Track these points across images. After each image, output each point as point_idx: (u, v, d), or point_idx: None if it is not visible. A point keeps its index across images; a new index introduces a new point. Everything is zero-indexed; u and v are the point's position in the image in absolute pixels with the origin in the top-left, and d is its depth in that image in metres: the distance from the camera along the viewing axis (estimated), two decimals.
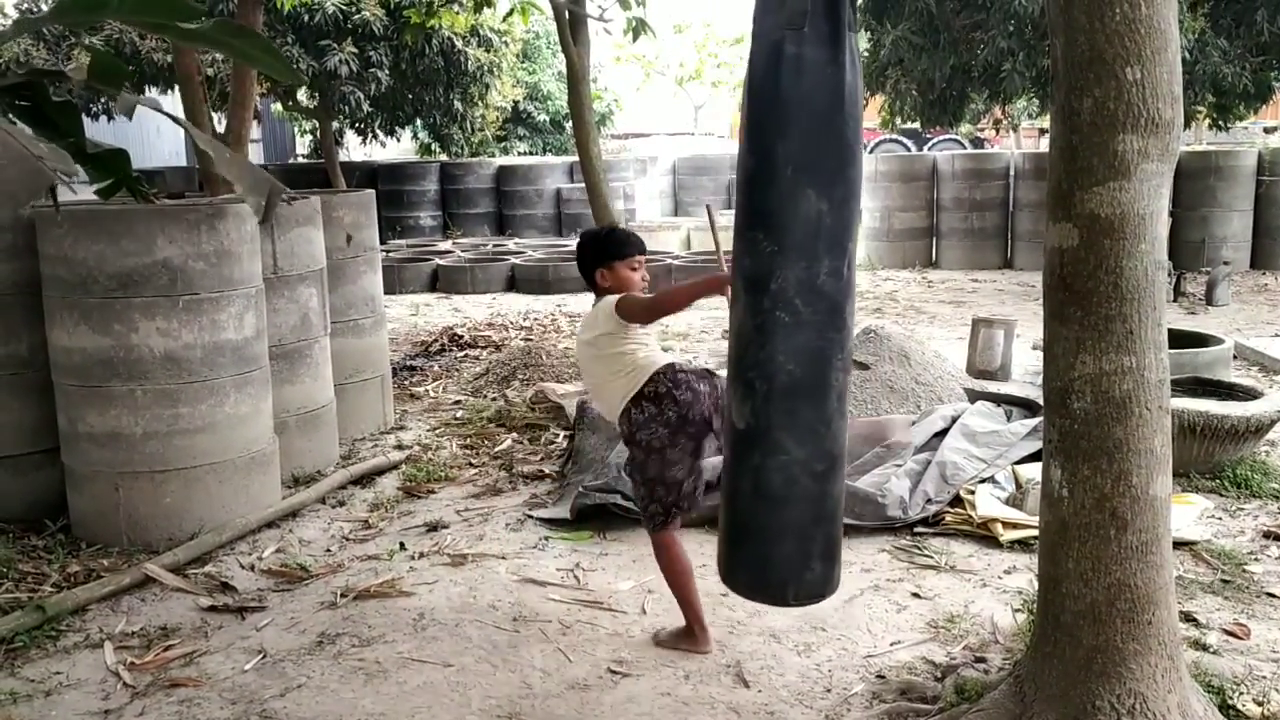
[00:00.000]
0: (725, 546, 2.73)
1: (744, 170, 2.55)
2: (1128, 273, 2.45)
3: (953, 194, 13.28)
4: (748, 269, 2.54)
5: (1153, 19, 2.37)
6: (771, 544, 2.65)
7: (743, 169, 2.55)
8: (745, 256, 2.54)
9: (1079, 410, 2.51)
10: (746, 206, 2.54)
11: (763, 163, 2.49)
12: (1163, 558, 2.55)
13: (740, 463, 2.63)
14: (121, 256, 4.14)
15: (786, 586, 2.68)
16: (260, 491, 4.58)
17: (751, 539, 2.66)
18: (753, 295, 2.53)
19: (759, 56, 2.46)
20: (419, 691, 3.20)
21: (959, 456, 4.69)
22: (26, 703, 3.18)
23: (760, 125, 2.48)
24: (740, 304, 2.57)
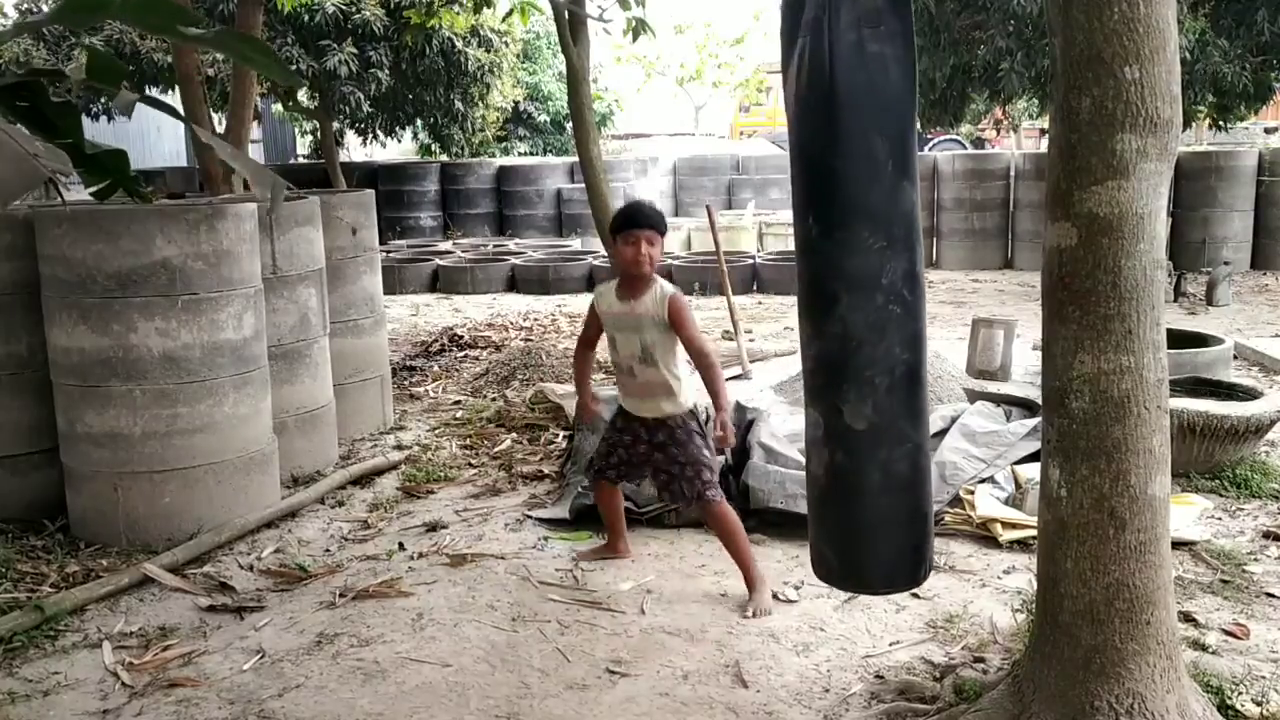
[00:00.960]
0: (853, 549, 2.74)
1: (831, 172, 2.53)
2: (1126, 272, 2.44)
3: (953, 194, 13.27)
4: (852, 269, 2.55)
5: (1151, 18, 2.37)
6: (908, 530, 2.73)
7: (827, 171, 2.53)
8: (848, 257, 2.55)
9: (1077, 410, 2.51)
10: (844, 206, 2.54)
11: (862, 162, 2.52)
12: (1161, 558, 2.54)
13: (866, 461, 2.64)
14: (120, 256, 4.14)
15: (920, 568, 2.79)
16: (259, 492, 4.57)
17: (888, 532, 2.71)
18: (861, 294, 2.56)
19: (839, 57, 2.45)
20: (417, 691, 3.20)
21: (958, 456, 4.69)
22: (24, 703, 3.18)
23: (851, 125, 2.49)
24: (841, 307, 2.56)
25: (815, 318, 2.64)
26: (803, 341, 2.72)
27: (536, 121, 21.69)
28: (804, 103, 2.53)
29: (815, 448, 2.71)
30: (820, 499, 2.76)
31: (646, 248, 3.63)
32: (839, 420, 2.62)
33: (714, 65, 32.69)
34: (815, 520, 2.82)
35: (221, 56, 12.14)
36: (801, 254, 2.66)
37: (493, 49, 14.55)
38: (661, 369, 3.71)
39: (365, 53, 13.29)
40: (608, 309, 3.79)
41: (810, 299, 2.65)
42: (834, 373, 2.62)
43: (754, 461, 4.54)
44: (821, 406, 2.66)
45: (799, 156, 2.61)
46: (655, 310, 3.68)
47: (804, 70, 2.50)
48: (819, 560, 2.85)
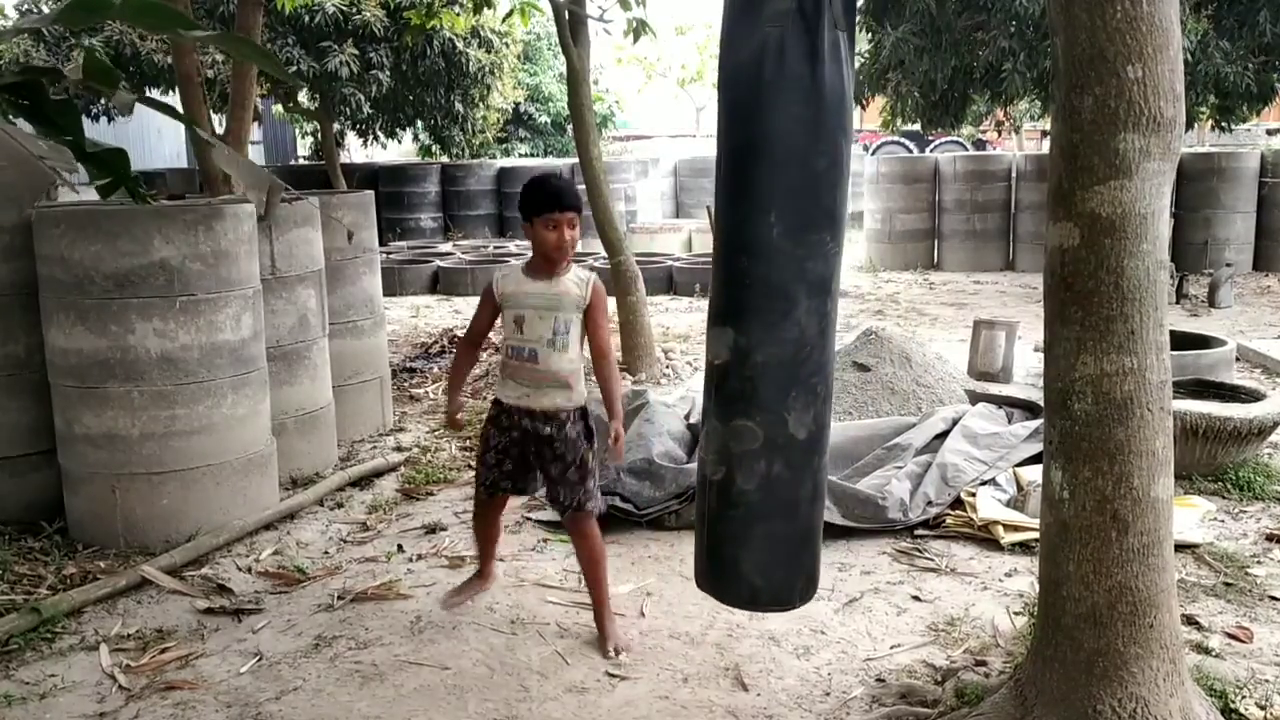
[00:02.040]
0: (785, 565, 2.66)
1: (806, 174, 2.46)
2: (1129, 272, 2.43)
3: (954, 196, 13.26)
4: (813, 272, 2.49)
5: (1154, 16, 2.36)
6: (819, 539, 2.72)
7: (806, 171, 2.46)
8: (811, 260, 2.48)
9: (1080, 411, 2.49)
10: (814, 208, 2.48)
11: (835, 164, 2.48)
12: (1164, 560, 2.53)
13: (801, 472, 2.58)
14: (118, 257, 4.12)
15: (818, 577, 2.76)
16: (258, 493, 4.56)
17: (811, 542, 2.68)
18: (817, 299, 2.51)
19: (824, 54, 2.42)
20: (416, 694, 3.18)
21: (960, 459, 4.67)
22: (21, 705, 3.16)
23: (830, 126, 2.45)
24: (799, 311, 2.49)
25: (768, 323, 2.51)
26: (738, 348, 2.54)
27: (537, 123, 21.68)
28: (778, 95, 2.43)
29: (746, 462, 2.55)
30: (746, 517, 2.60)
31: (569, 231, 3.35)
32: (782, 430, 2.53)
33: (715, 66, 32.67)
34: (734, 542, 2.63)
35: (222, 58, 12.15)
36: (751, 255, 2.50)
37: (493, 50, 14.55)
38: (570, 354, 3.39)
39: (366, 54, 13.29)
40: (515, 288, 3.42)
41: (761, 303, 2.51)
42: (783, 380, 2.52)
43: None
44: (762, 416, 2.53)
45: (765, 153, 2.47)
46: (578, 291, 3.38)
47: (780, 63, 2.42)
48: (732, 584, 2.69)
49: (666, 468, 4.55)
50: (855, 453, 4.93)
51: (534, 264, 3.44)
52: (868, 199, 13.69)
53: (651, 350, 7.54)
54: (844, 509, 4.28)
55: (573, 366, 3.42)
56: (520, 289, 3.42)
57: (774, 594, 2.72)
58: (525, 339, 3.40)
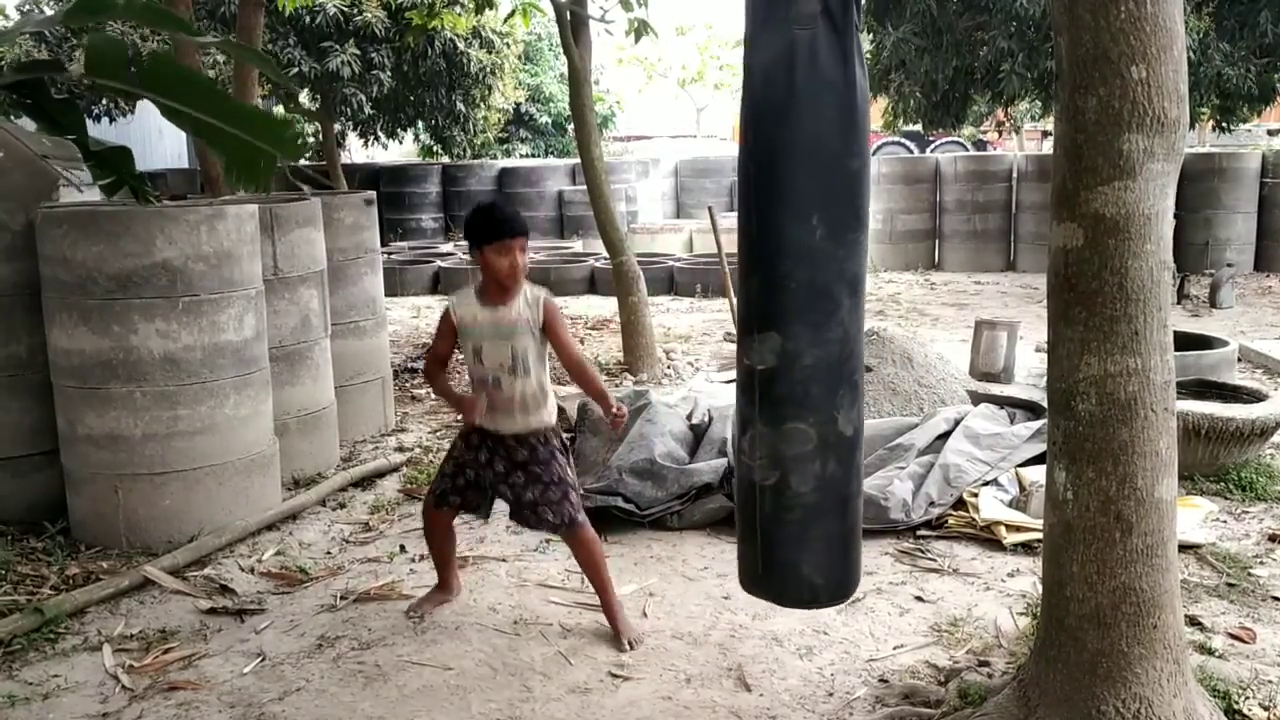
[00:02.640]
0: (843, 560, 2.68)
1: (843, 175, 2.48)
2: (1133, 273, 2.43)
3: (955, 196, 13.26)
4: (851, 272, 2.53)
5: (1158, 16, 2.36)
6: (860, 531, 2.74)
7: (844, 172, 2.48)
8: (851, 260, 2.52)
9: (1084, 412, 2.49)
10: (855, 208, 2.51)
11: (864, 165, 2.52)
12: (1168, 561, 2.53)
13: (850, 468, 2.60)
14: (121, 258, 4.12)
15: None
16: (260, 494, 4.56)
17: (858, 534, 2.71)
18: (855, 298, 2.55)
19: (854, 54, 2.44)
20: (418, 695, 3.18)
21: (962, 459, 4.67)
22: (24, 706, 3.16)
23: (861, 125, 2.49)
24: (842, 312, 2.52)
25: (815, 325, 2.51)
26: (787, 353, 2.53)
27: (538, 123, 21.68)
28: (814, 98, 2.43)
29: (801, 465, 2.56)
30: (804, 520, 2.60)
31: (520, 256, 3.35)
32: (833, 429, 2.55)
33: (716, 67, 32.71)
34: (791, 545, 2.63)
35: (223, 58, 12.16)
36: (794, 259, 2.50)
37: (494, 50, 14.54)
38: (533, 379, 3.41)
39: (367, 54, 13.28)
40: (471, 318, 3.43)
41: (809, 306, 2.51)
42: (832, 380, 2.54)
43: None
44: (815, 418, 2.54)
45: (804, 154, 2.47)
46: (529, 314, 3.39)
47: (811, 64, 2.42)
48: (793, 586, 2.69)
49: (669, 468, 4.55)
50: None
51: (487, 289, 3.44)
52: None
53: (653, 350, 7.54)
54: None
55: (537, 388, 3.44)
56: (475, 318, 3.43)
57: (832, 591, 2.73)
58: (486, 368, 3.43)
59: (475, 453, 3.52)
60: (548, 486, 3.45)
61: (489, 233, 3.34)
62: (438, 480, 3.64)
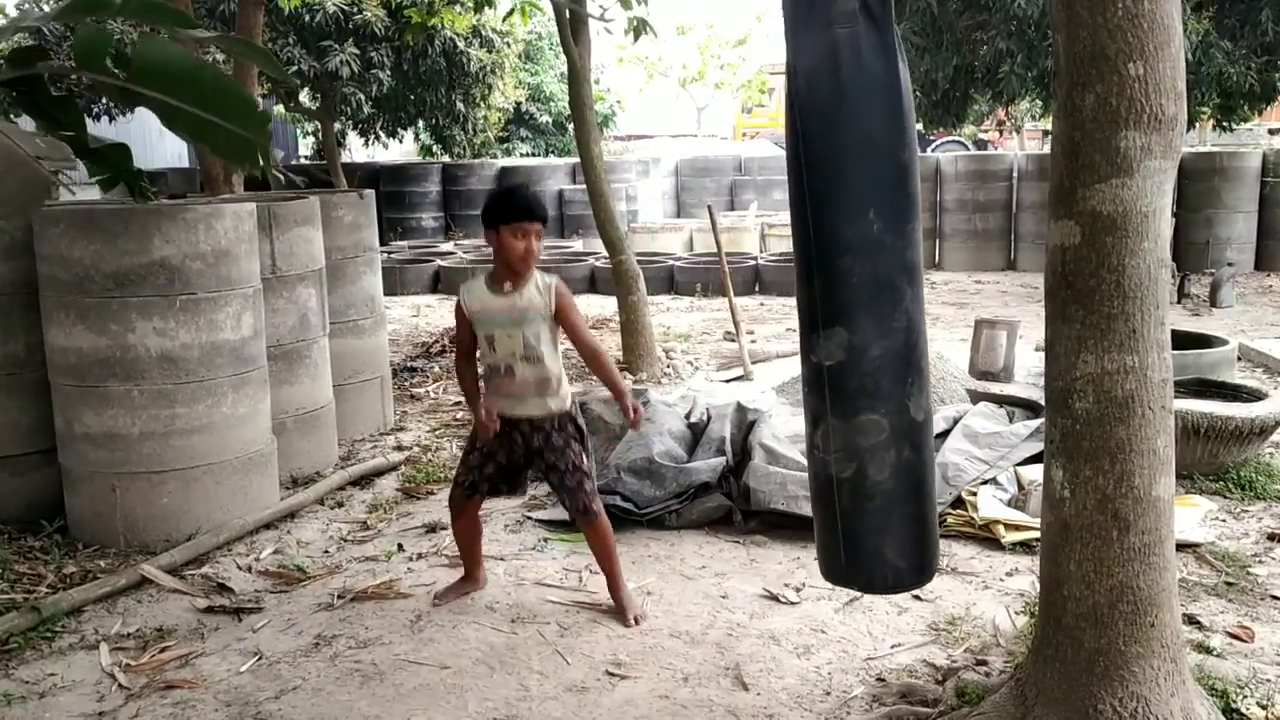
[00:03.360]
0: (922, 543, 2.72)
1: (895, 167, 2.52)
2: (1130, 271, 2.42)
3: (956, 195, 13.25)
4: (911, 261, 2.57)
5: (1155, 14, 2.35)
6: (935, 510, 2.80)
7: (895, 164, 2.52)
8: (910, 250, 2.56)
9: (1081, 410, 2.49)
10: (907, 200, 2.54)
11: (913, 155, 2.55)
12: (1166, 560, 2.52)
13: (925, 452, 2.66)
14: (118, 256, 4.12)
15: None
16: (258, 492, 4.55)
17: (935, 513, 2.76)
18: (915, 287, 2.58)
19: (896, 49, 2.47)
20: (415, 693, 3.18)
21: (961, 458, 4.67)
22: (21, 704, 3.16)
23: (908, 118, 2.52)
24: (905, 302, 2.56)
25: (880, 316, 2.56)
26: (853, 347, 2.57)
27: (538, 122, 21.68)
28: (862, 95, 2.46)
29: (876, 455, 2.60)
30: (885, 506, 2.65)
31: (535, 242, 3.41)
32: (905, 416, 2.60)
33: (716, 66, 32.69)
34: (876, 532, 2.67)
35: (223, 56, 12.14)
36: (856, 253, 2.52)
37: (494, 49, 14.55)
38: (546, 364, 3.45)
39: (367, 53, 13.28)
40: (481, 306, 3.49)
41: (871, 298, 2.55)
42: (900, 369, 2.59)
43: (755, 463, 4.52)
44: (887, 407, 2.59)
45: (858, 151, 2.50)
46: (540, 301, 3.45)
47: (856, 61, 2.44)
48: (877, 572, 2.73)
49: (667, 467, 4.55)
50: None
51: (497, 275, 3.50)
52: None
53: (652, 350, 7.53)
54: None
55: (550, 373, 3.48)
56: (485, 306, 3.50)
57: (915, 573, 2.79)
58: (499, 356, 3.49)
59: (498, 438, 3.55)
60: (564, 474, 3.53)
61: (509, 213, 3.40)
62: (463, 472, 3.67)
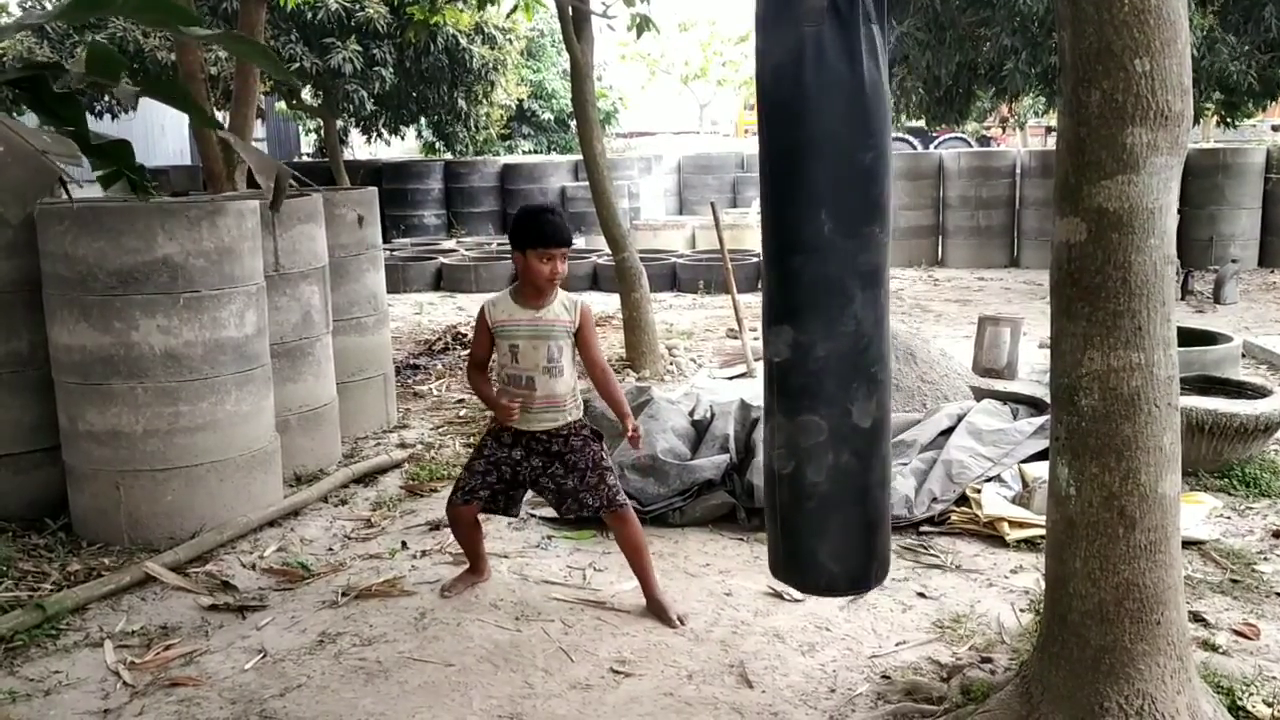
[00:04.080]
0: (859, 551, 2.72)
1: (854, 169, 2.50)
2: (1136, 268, 2.41)
3: (959, 192, 13.24)
4: (865, 265, 2.54)
5: (1162, 9, 2.34)
6: (888, 524, 2.78)
7: (851, 168, 2.50)
8: (864, 254, 2.54)
9: (1087, 407, 2.48)
10: (866, 202, 2.52)
11: (878, 158, 2.52)
12: (1171, 557, 2.51)
13: (870, 460, 2.64)
14: (122, 254, 4.12)
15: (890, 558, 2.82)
16: (262, 490, 4.55)
17: (882, 524, 2.74)
18: (871, 291, 2.56)
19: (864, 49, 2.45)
20: (420, 691, 3.18)
21: (965, 455, 4.66)
22: (26, 702, 3.16)
23: (877, 120, 2.49)
24: (855, 305, 2.54)
25: (827, 318, 2.57)
26: (799, 345, 2.59)
27: (540, 119, 21.66)
28: (823, 94, 2.46)
29: (815, 455, 2.62)
30: (820, 508, 2.67)
31: (560, 265, 3.49)
32: (847, 421, 2.60)
33: (719, 63, 32.68)
34: (813, 533, 2.71)
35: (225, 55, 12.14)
36: (806, 253, 2.56)
37: (497, 46, 14.52)
38: (566, 377, 3.55)
39: (369, 50, 13.26)
40: (508, 318, 3.54)
41: (818, 299, 2.57)
42: (845, 373, 2.59)
43: (759, 460, 4.51)
44: (827, 410, 2.60)
45: (814, 150, 2.51)
46: (567, 318, 3.53)
47: (818, 60, 2.44)
48: (816, 574, 2.76)
49: (670, 464, 4.54)
50: None
51: (523, 291, 3.56)
52: None
53: (655, 347, 7.53)
54: None
55: (567, 388, 3.57)
56: (512, 318, 3.55)
57: (851, 579, 2.81)
58: (521, 367, 3.55)
59: (509, 450, 3.62)
60: (585, 473, 3.58)
61: (534, 238, 3.46)
62: (466, 477, 3.69)
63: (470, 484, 3.68)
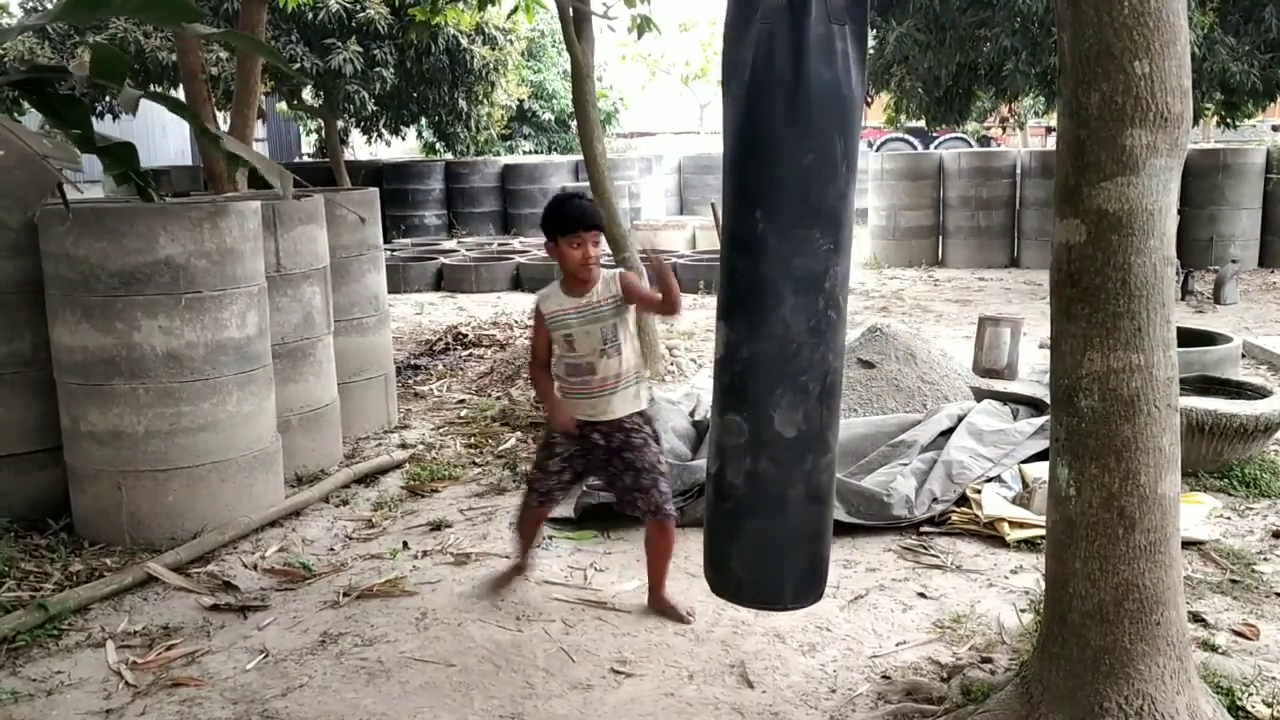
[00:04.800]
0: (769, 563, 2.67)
1: (794, 168, 2.46)
2: (1136, 269, 2.42)
3: (959, 192, 13.24)
4: (800, 270, 2.49)
5: (1162, 11, 2.35)
6: (822, 543, 2.70)
7: (791, 167, 2.47)
8: (799, 257, 2.48)
9: (1087, 408, 2.49)
10: (802, 205, 2.48)
11: (824, 161, 2.46)
12: (1171, 557, 2.52)
13: (791, 471, 2.58)
14: (124, 254, 4.12)
15: (824, 582, 2.75)
16: (263, 490, 4.56)
17: (806, 544, 2.67)
18: (805, 296, 2.50)
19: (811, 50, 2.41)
20: (421, 691, 3.18)
21: (965, 455, 4.66)
22: (28, 702, 3.17)
23: (819, 122, 2.44)
24: (785, 308, 2.49)
25: (754, 319, 2.54)
26: (728, 343, 2.59)
27: (541, 120, 21.67)
28: (764, 92, 2.45)
29: (734, 456, 2.60)
30: (735, 511, 2.65)
31: (593, 249, 3.47)
32: (768, 427, 2.55)
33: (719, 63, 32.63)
34: (725, 535, 2.69)
35: (226, 55, 12.15)
36: (741, 251, 2.54)
37: (497, 47, 14.53)
38: (625, 354, 3.53)
39: (370, 51, 13.27)
40: (558, 307, 3.54)
41: (748, 299, 2.54)
42: (769, 377, 2.54)
43: None
44: (749, 413, 2.57)
45: (750, 147, 2.50)
46: (611, 292, 3.52)
47: (766, 58, 2.43)
48: (724, 578, 2.74)
49: (671, 464, 4.54)
50: (860, 449, 4.92)
51: (567, 281, 3.57)
52: (872, 196, 13.67)
53: (655, 347, 7.53)
54: (849, 506, 4.27)
55: (629, 365, 3.56)
56: (561, 308, 3.55)
57: (760, 590, 2.74)
58: (579, 355, 3.54)
59: (579, 442, 3.59)
60: (640, 473, 3.55)
61: (562, 225, 3.47)
62: (540, 478, 3.69)
63: (546, 485, 3.68)
